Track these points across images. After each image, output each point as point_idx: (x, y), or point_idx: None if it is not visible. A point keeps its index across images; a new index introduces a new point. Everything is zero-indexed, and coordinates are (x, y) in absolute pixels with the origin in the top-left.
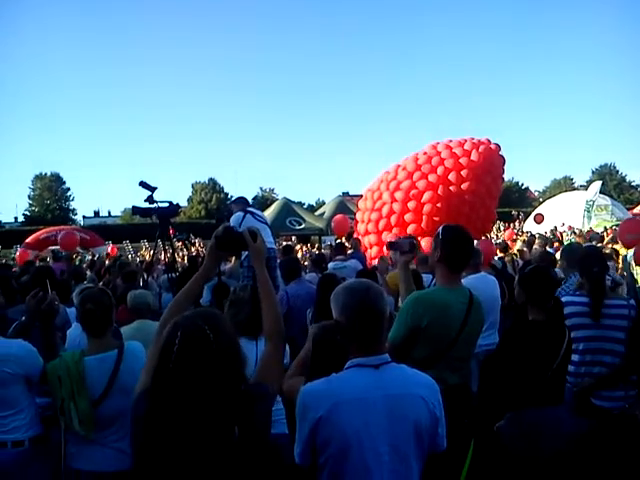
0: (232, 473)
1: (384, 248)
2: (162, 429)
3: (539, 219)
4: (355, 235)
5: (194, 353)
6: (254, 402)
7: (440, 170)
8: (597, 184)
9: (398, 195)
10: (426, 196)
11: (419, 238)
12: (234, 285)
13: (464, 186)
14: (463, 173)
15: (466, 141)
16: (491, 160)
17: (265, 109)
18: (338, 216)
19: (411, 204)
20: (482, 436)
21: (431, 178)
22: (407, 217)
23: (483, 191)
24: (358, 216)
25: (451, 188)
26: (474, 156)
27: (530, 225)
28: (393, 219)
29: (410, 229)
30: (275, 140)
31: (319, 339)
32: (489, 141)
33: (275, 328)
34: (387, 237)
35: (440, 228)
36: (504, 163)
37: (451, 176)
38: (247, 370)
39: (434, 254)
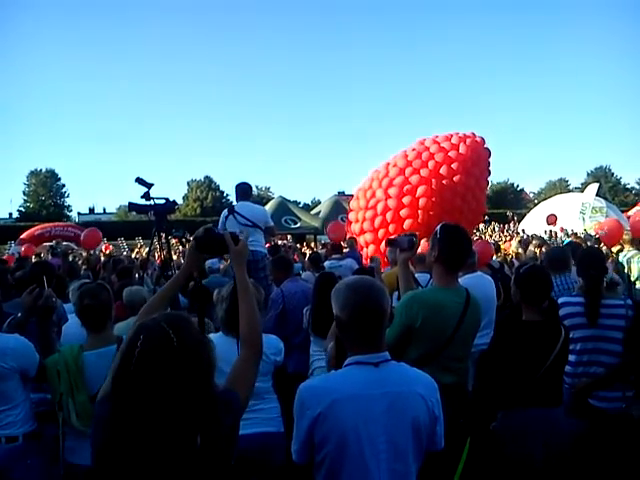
0: None
1: (381, 246)
2: (121, 434)
3: (552, 220)
4: (349, 235)
5: (155, 356)
6: (221, 410)
7: (431, 164)
8: (594, 186)
9: (392, 191)
10: (420, 190)
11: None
12: (227, 283)
13: (456, 179)
14: (454, 166)
15: (452, 135)
16: (478, 153)
17: (261, 107)
18: (332, 224)
19: (406, 199)
20: (478, 436)
21: (423, 173)
22: (403, 213)
23: (473, 183)
24: (351, 216)
25: (444, 182)
26: (462, 149)
27: (525, 225)
28: (389, 216)
29: (406, 224)
30: (271, 139)
31: None
32: (474, 134)
33: (250, 333)
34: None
35: (438, 227)
36: (490, 155)
37: (442, 170)
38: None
39: (431, 253)
